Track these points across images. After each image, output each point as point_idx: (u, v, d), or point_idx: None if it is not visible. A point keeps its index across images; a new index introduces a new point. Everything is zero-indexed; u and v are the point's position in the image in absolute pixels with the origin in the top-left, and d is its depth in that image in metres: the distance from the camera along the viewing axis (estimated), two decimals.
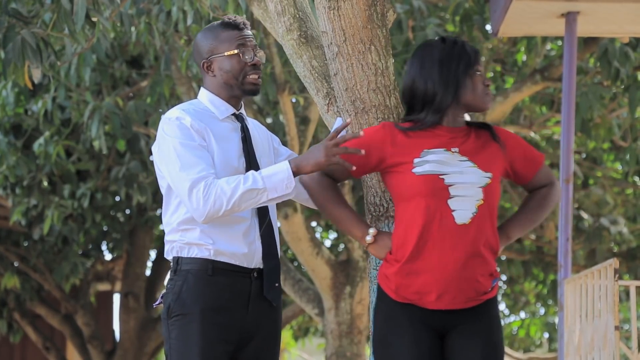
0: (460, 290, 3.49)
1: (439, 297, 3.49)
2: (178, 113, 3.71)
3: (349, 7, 3.86)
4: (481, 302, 3.54)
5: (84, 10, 5.45)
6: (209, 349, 3.60)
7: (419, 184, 3.51)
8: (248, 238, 3.68)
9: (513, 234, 3.71)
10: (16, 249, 12.36)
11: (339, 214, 3.66)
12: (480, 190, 3.50)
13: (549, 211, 3.74)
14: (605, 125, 9.27)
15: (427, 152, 3.55)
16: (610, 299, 5.50)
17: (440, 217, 3.49)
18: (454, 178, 3.51)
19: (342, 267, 8.96)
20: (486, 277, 3.54)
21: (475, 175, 3.52)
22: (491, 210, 3.53)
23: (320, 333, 15.59)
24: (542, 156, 3.72)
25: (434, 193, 3.50)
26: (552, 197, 3.73)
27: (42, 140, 9.07)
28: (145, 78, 9.80)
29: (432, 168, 3.52)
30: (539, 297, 14.42)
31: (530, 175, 3.69)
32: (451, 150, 3.55)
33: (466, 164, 3.54)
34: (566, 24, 6.83)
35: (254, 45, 3.80)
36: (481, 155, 3.57)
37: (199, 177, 3.56)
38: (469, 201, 3.49)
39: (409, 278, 3.53)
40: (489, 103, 3.64)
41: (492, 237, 3.55)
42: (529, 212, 3.73)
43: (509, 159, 3.63)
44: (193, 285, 3.63)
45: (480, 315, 3.54)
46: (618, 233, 11.16)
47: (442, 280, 3.48)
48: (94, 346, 12.81)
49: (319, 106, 4.13)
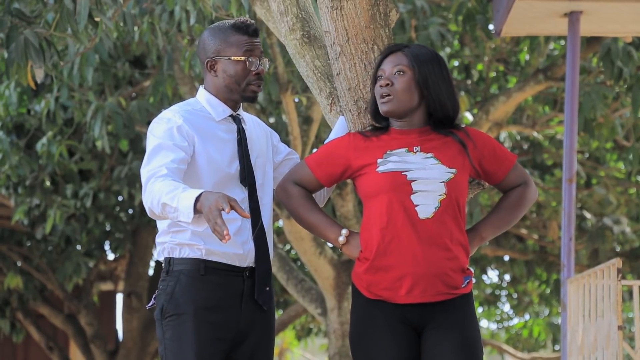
0: (429, 283, 3.52)
1: (409, 291, 3.53)
2: (170, 115, 3.69)
3: (351, 6, 3.86)
4: (453, 296, 3.57)
5: (87, 10, 5.45)
6: (203, 348, 3.59)
7: (381, 181, 3.57)
8: (241, 238, 3.67)
9: (486, 233, 3.71)
10: (19, 248, 12.38)
11: (311, 220, 3.73)
12: (442, 185, 3.54)
13: (523, 211, 3.74)
14: (608, 125, 9.26)
15: (390, 153, 3.61)
16: (613, 299, 5.49)
17: (404, 212, 3.53)
18: (416, 174, 3.56)
19: (344, 266, 8.96)
20: (457, 272, 3.57)
21: (437, 171, 3.56)
22: (456, 206, 3.57)
23: (323, 333, 15.59)
24: (514, 156, 3.72)
25: (396, 189, 3.55)
26: (526, 197, 3.72)
27: (44, 140, 9.08)
28: (147, 78, 9.80)
29: (394, 166, 3.58)
30: (542, 297, 14.42)
31: (501, 174, 3.70)
32: (413, 150, 3.60)
33: (430, 160, 3.58)
34: (569, 23, 6.83)
35: (261, 52, 3.79)
36: (445, 151, 3.60)
37: (152, 173, 3.52)
38: (432, 196, 3.54)
39: (378, 275, 3.58)
40: (383, 108, 3.63)
41: (459, 233, 3.58)
42: (502, 212, 3.73)
43: (477, 157, 3.64)
44: (186, 285, 3.63)
45: (454, 310, 3.57)
46: (621, 233, 11.15)
47: (410, 274, 3.52)
48: (96, 346, 12.81)
49: (322, 106, 4.13)
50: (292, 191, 3.75)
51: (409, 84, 3.62)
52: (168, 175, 3.48)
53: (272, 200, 3.84)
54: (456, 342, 3.52)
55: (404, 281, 3.53)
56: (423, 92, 3.62)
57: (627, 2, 6.58)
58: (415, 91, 3.62)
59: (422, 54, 3.64)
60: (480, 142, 3.67)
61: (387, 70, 3.64)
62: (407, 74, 3.62)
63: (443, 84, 3.63)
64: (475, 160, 3.65)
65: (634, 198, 11.65)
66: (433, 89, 3.62)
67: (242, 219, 3.67)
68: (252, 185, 3.73)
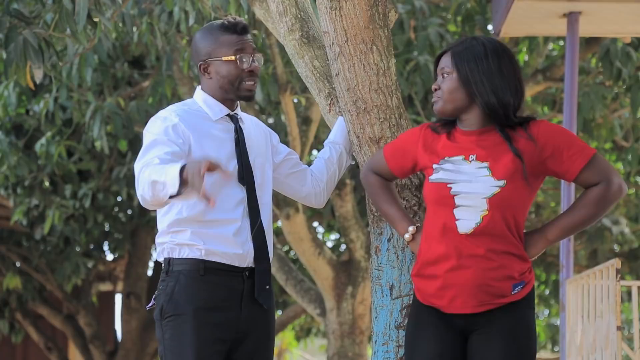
0: (470, 294, 3.45)
1: (451, 301, 3.47)
2: (167, 113, 3.71)
3: (350, 7, 3.86)
4: (500, 305, 3.46)
5: (86, 11, 5.45)
6: (203, 348, 3.59)
7: (430, 191, 3.53)
8: (240, 238, 3.67)
9: (552, 235, 3.52)
10: (18, 249, 12.38)
11: (385, 211, 3.73)
12: (484, 201, 3.43)
13: (601, 211, 3.46)
14: (607, 126, 9.27)
15: (447, 160, 3.52)
16: (612, 299, 5.49)
17: (445, 225, 3.47)
18: (460, 187, 3.47)
19: (343, 267, 8.96)
20: (502, 280, 3.44)
21: (483, 185, 3.44)
22: (501, 219, 3.43)
23: (322, 333, 15.59)
24: (590, 152, 3.46)
25: (440, 201, 3.49)
26: (605, 196, 3.45)
27: (43, 141, 9.07)
28: (146, 78, 9.80)
29: (444, 176, 3.50)
30: (541, 298, 14.42)
31: (572, 173, 3.47)
32: (469, 159, 3.50)
33: (482, 171, 3.47)
34: (568, 24, 6.83)
35: (253, 49, 3.77)
36: (501, 159, 3.46)
37: (145, 163, 3.52)
38: (473, 211, 3.45)
39: (425, 281, 3.54)
40: (434, 107, 3.58)
41: (506, 244, 3.44)
42: (574, 212, 3.50)
43: (540, 158, 3.47)
44: (185, 286, 3.63)
45: (501, 317, 3.46)
46: (620, 233, 11.15)
47: (450, 287, 3.46)
48: (95, 346, 12.81)
49: (321, 106, 4.13)
50: (370, 180, 3.77)
51: (452, 85, 3.52)
52: (159, 164, 3.48)
53: (272, 200, 3.85)
54: (499, 348, 3.43)
55: (446, 292, 3.47)
56: (470, 91, 3.50)
57: (626, 2, 6.58)
58: (462, 91, 3.51)
59: (467, 51, 3.51)
60: (544, 140, 3.46)
61: (437, 74, 3.58)
62: (451, 75, 3.53)
63: (493, 79, 3.48)
64: (536, 163, 3.47)
65: (633, 199, 11.64)
66: (478, 86, 3.48)
67: (242, 219, 3.67)
68: (251, 184, 3.73)
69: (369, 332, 8.99)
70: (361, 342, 9.00)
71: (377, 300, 3.88)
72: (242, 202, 3.69)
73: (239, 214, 3.67)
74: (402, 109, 3.94)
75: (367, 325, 8.97)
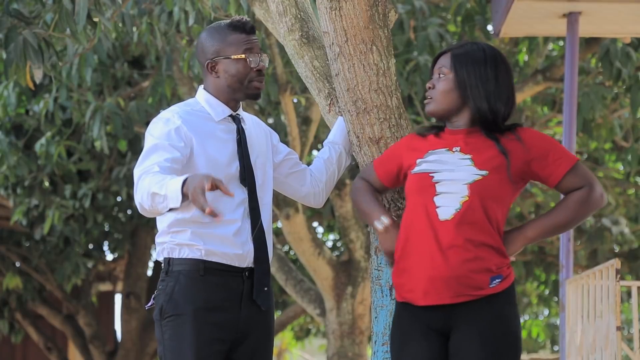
0: (446, 285, 3.45)
1: (426, 293, 3.47)
2: (169, 115, 3.70)
3: (350, 7, 3.86)
4: (478, 297, 3.46)
5: (86, 11, 5.45)
6: (202, 348, 3.59)
7: (412, 182, 3.57)
8: (240, 238, 3.67)
9: (532, 234, 3.56)
10: (18, 249, 12.38)
11: (362, 207, 3.74)
12: (465, 187, 3.47)
13: (580, 215, 3.53)
14: (607, 126, 9.27)
15: (431, 152, 3.59)
16: (611, 300, 5.49)
17: (425, 214, 3.49)
18: (442, 175, 3.51)
19: (343, 267, 8.96)
20: (480, 273, 3.46)
21: (465, 172, 3.49)
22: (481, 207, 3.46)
23: (322, 333, 15.59)
24: (573, 159, 3.54)
25: (421, 191, 3.53)
26: (586, 200, 3.52)
27: (43, 141, 9.07)
28: (146, 78, 9.80)
29: (426, 167, 3.56)
30: (540, 298, 14.43)
31: (555, 178, 3.54)
32: (452, 150, 3.56)
33: (465, 162, 3.52)
34: (568, 24, 6.84)
35: (259, 48, 3.79)
36: (485, 153, 3.53)
37: (145, 170, 3.51)
38: (453, 197, 3.48)
39: (402, 276, 3.55)
40: (426, 109, 3.64)
41: (485, 235, 3.47)
42: (554, 213, 3.56)
43: (525, 159, 3.53)
44: (185, 286, 3.63)
45: (479, 309, 3.47)
46: (620, 233, 11.15)
47: (426, 277, 3.47)
48: (95, 346, 12.82)
49: (321, 106, 4.13)
50: (357, 184, 3.80)
51: (447, 86, 3.57)
52: (159, 172, 3.47)
53: (272, 200, 3.85)
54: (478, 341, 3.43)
55: (420, 283, 3.48)
56: (464, 94, 3.56)
57: (625, 3, 6.58)
58: (456, 93, 3.56)
59: (467, 55, 3.57)
60: (530, 143, 3.53)
61: (434, 72, 3.62)
62: (448, 76, 3.57)
63: (488, 85, 3.54)
64: (520, 162, 3.52)
65: (633, 199, 11.64)
66: (473, 90, 3.54)
67: (242, 220, 3.68)
68: (252, 185, 3.73)
69: (368, 332, 8.99)
70: (361, 342, 9.01)
71: (377, 301, 3.88)
72: (243, 202, 3.69)
73: (239, 214, 3.67)
74: (402, 109, 3.94)
75: (366, 326, 8.98)
